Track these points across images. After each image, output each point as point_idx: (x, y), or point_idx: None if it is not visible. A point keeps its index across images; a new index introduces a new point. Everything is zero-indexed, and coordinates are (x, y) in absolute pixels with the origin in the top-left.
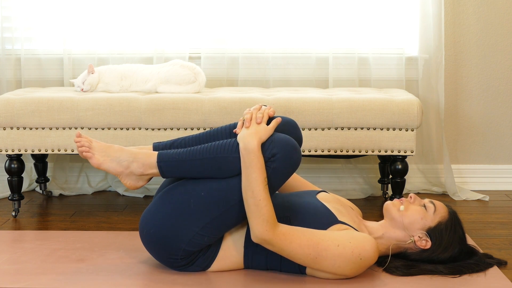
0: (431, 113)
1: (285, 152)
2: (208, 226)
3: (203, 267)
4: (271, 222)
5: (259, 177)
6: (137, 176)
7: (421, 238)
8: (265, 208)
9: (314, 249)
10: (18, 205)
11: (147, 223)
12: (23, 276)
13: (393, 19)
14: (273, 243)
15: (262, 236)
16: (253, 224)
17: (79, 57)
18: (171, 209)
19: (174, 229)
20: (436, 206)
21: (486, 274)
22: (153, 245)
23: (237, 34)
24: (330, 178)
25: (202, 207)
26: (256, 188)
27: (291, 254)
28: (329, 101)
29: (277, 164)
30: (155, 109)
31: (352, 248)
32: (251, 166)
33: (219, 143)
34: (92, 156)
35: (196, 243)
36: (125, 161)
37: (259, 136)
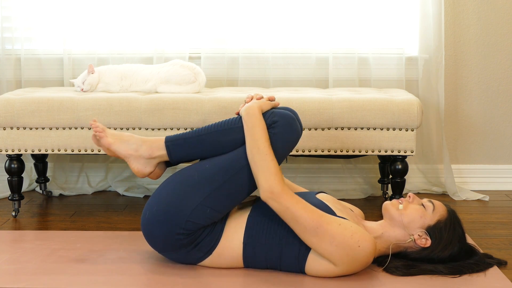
0: (431, 113)
1: (285, 120)
2: (212, 196)
3: (205, 251)
4: (279, 176)
5: (263, 136)
6: (146, 160)
7: (420, 237)
8: (272, 162)
9: (317, 218)
10: (18, 205)
11: (150, 204)
12: (23, 276)
13: (393, 19)
14: (281, 198)
15: (271, 188)
16: (262, 179)
17: (79, 57)
18: (175, 185)
19: (178, 202)
20: (435, 205)
21: (486, 274)
22: (157, 223)
23: (237, 34)
24: (330, 178)
25: (206, 177)
26: (261, 145)
27: (295, 214)
28: (329, 101)
29: (279, 130)
30: (155, 109)
31: (352, 232)
32: (254, 126)
33: (223, 120)
34: (104, 136)
35: (199, 215)
36: (134, 144)
37: (260, 105)
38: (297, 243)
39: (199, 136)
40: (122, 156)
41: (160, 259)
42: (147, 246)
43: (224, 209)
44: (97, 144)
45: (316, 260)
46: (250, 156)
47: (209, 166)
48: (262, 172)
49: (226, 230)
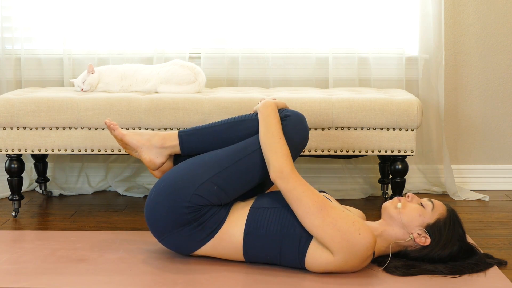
0: (431, 113)
1: (297, 117)
2: (220, 175)
3: (208, 232)
4: (290, 159)
5: (277, 123)
6: (158, 150)
7: (420, 235)
8: (284, 145)
9: (322, 202)
10: (18, 205)
11: (157, 184)
12: (23, 276)
13: (393, 19)
14: (289, 178)
15: (281, 167)
16: (273, 159)
17: (79, 57)
18: (184, 164)
19: (186, 176)
20: (434, 203)
21: (486, 274)
22: (162, 197)
23: (237, 34)
24: (330, 178)
25: (216, 158)
26: (274, 130)
27: (301, 195)
28: (329, 101)
29: (289, 122)
30: (155, 109)
31: (353, 221)
32: (269, 116)
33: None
34: (117, 128)
35: (206, 191)
36: (147, 135)
37: (276, 102)
38: (297, 235)
39: (212, 127)
40: (135, 146)
41: (161, 259)
42: (147, 246)
43: (231, 191)
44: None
45: (316, 252)
46: (263, 140)
47: (220, 151)
48: (274, 153)
49: (229, 217)
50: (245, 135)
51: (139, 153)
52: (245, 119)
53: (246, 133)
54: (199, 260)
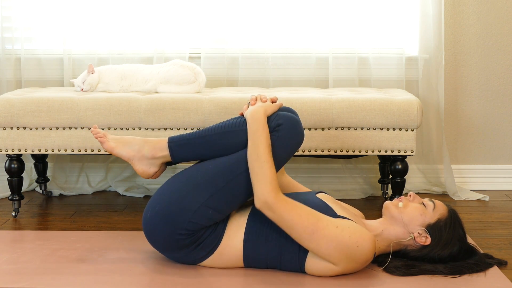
0: (431, 113)
1: (290, 123)
2: (214, 198)
3: (207, 251)
4: (274, 185)
5: (264, 142)
6: (149, 160)
7: (420, 235)
8: (269, 170)
9: (313, 224)
10: (18, 205)
11: (151, 204)
12: (23, 276)
13: (393, 19)
14: (275, 208)
15: (264, 198)
16: (257, 187)
17: (79, 57)
18: (178, 185)
19: (180, 202)
20: (435, 204)
21: (486, 274)
22: (158, 222)
23: (237, 34)
24: (330, 178)
25: (208, 178)
26: (261, 151)
27: (290, 223)
28: (329, 101)
29: (282, 133)
30: (155, 109)
31: (350, 233)
32: (257, 131)
33: (227, 121)
34: (106, 141)
35: (201, 216)
36: (137, 145)
37: (265, 109)
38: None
39: (202, 138)
40: (126, 158)
41: (161, 259)
42: (147, 246)
43: (226, 210)
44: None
45: (316, 258)
46: (250, 160)
47: (212, 168)
48: (258, 180)
49: (228, 229)
50: (235, 146)
51: (131, 164)
52: (236, 130)
53: (236, 145)
54: None
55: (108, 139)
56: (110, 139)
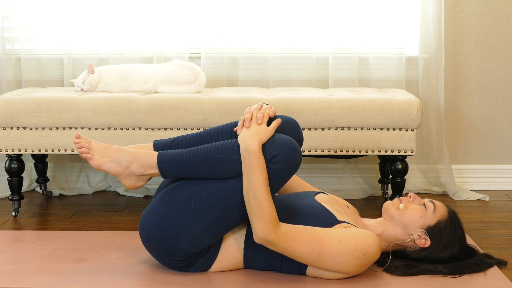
0: (431, 113)
1: (286, 153)
2: (209, 228)
3: (203, 268)
4: (274, 223)
5: (260, 178)
6: (137, 177)
7: (420, 237)
8: (267, 209)
9: (317, 246)
10: (18, 205)
11: (147, 224)
12: (23, 276)
13: (393, 19)
14: (276, 244)
15: (264, 237)
16: (255, 225)
17: (79, 57)
18: (172, 210)
19: (175, 230)
20: (435, 205)
21: (486, 274)
22: (153, 245)
23: (237, 34)
24: (330, 178)
25: (202, 208)
26: (257, 189)
27: (294, 253)
28: (329, 101)
29: (278, 165)
30: (155, 109)
31: (355, 244)
32: (252, 167)
33: (219, 144)
34: (92, 157)
35: (196, 245)
36: (125, 162)
37: (260, 137)
38: None
39: (193, 162)
40: (114, 174)
41: None
42: None
43: (221, 235)
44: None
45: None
46: (246, 197)
47: (206, 196)
48: (257, 219)
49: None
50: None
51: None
52: (229, 158)
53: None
54: None
55: (94, 154)
56: (96, 150)
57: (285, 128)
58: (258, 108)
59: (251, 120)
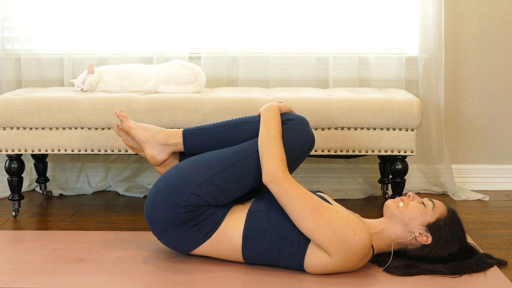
0: (431, 113)
1: (299, 120)
2: (219, 176)
3: (205, 232)
4: (284, 163)
5: (277, 127)
6: (161, 146)
7: (421, 234)
8: (280, 149)
9: (315, 203)
10: (18, 205)
11: (157, 182)
12: (23, 276)
13: (393, 19)
14: (282, 182)
15: (273, 171)
16: (267, 162)
17: (79, 57)
18: (184, 165)
19: (184, 175)
20: (434, 203)
21: (486, 274)
22: (160, 196)
23: (237, 34)
24: (330, 178)
25: (216, 159)
26: (273, 133)
27: (294, 198)
28: (329, 101)
29: (291, 126)
30: (155, 109)
31: (349, 220)
32: (270, 119)
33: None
34: (126, 120)
35: (203, 190)
36: (153, 131)
37: (279, 106)
38: (296, 237)
39: (216, 127)
40: (139, 140)
41: (160, 259)
42: (147, 246)
43: (229, 192)
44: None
45: (314, 254)
46: (260, 142)
47: (221, 151)
48: (269, 156)
49: (227, 218)
50: (248, 136)
51: (142, 148)
52: (248, 121)
53: (249, 135)
54: (199, 260)
55: (128, 120)
56: (130, 121)
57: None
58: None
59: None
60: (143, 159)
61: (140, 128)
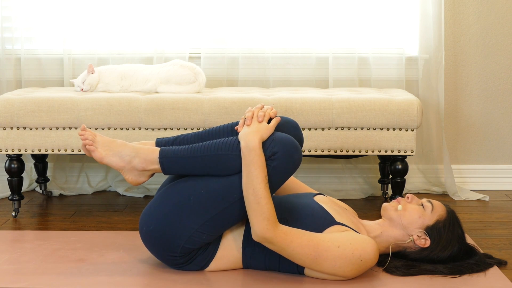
0: (431, 113)
1: (286, 150)
2: (208, 224)
3: (201, 265)
4: (272, 220)
5: (260, 175)
6: (139, 172)
7: (420, 237)
8: (266, 206)
9: (314, 249)
10: (18, 205)
11: (146, 220)
12: (23, 276)
13: (393, 19)
14: (274, 242)
15: (263, 234)
16: (254, 222)
17: (79, 57)
18: (171, 206)
19: (174, 226)
20: (433, 205)
21: (486, 274)
22: (153, 242)
23: (237, 34)
24: (330, 178)
25: (202, 204)
26: (257, 186)
27: (291, 253)
28: (329, 101)
29: (278, 162)
30: (155, 109)
31: (353, 249)
32: (252, 163)
33: (220, 141)
34: (95, 149)
35: (195, 241)
36: (127, 156)
37: (260, 134)
38: None
39: (194, 158)
40: (116, 168)
41: None
42: None
43: (219, 232)
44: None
45: None
46: (245, 194)
47: (205, 192)
48: (255, 216)
49: (223, 240)
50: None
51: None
52: (229, 154)
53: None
54: None
55: (97, 147)
56: (100, 144)
57: (285, 129)
58: (259, 107)
59: (252, 119)
60: None
61: (112, 155)
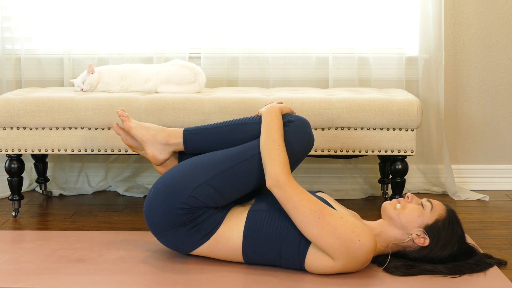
0: (431, 113)
1: (301, 122)
2: (218, 178)
3: (203, 234)
4: (287, 167)
5: (279, 129)
6: (162, 146)
7: (419, 236)
8: (282, 153)
9: (320, 209)
10: (18, 205)
11: (156, 183)
12: (23, 276)
13: (393, 19)
14: (286, 186)
15: (277, 176)
16: (270, 166)
17: (79, 57)
18: (183, 166)
19: (183, 177)
20: (433, 204)
21: (486, 274)
22: (159, 197)
23: (237, 34)
24: (330, 178)
25: (215, 160)
26: (275, 136)
27: (298, 203)
28: (329, 101)
29: (291, 128)
30: (155, 109)
31: (354, 226)
32: (272, 121)
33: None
34: (127, 120)
35: (202, 193)
36: (153, 130)
37: (280, 107)
38: (297, 237)
39: (216, 128)
40: (140, 140)
41: (160, 259)
42: (147, 246)
43: (227, 194)
44: (117, 131)
45: (315, 255)
46: (263, 144)
47: (220, 153)
48: (272, 160)
49: (226, 219)
50: (248, 137)
51: (143, 147)
52: (249, 122)
53: (249, 136)
54: (199, 260)
55: (130, 120)
56: (132, 120)
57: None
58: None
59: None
60: (143, 159)
61: (140, 127)
